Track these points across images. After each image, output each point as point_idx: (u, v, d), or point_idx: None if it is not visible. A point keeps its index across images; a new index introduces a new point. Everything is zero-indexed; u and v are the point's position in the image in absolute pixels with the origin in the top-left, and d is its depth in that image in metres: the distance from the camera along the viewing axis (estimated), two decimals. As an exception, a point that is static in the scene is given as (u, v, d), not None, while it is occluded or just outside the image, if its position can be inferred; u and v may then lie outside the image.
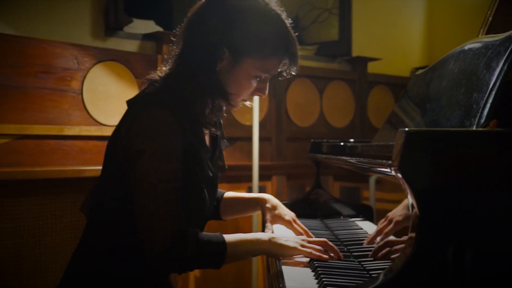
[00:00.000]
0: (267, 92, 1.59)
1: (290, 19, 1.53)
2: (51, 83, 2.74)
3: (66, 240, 2.69)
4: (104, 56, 2.92)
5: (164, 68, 1.56)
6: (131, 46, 3.10)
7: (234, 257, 1.40)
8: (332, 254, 1.43)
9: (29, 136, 2.66)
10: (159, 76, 1.52)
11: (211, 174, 1.52)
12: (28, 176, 2.57)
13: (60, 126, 2.76)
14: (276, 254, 1.43)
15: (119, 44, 3.06)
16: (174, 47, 1.56)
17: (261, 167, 3.15)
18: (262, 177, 3.28)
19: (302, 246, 1.42)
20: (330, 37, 4.28)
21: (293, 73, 1.57)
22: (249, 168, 3.10)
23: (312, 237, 1.71)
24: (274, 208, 1.77)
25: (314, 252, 1.40)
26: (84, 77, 2.84)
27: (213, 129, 1.58)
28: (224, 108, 1.60)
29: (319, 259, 1.39)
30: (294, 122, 3.79)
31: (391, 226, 1.53)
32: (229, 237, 1.39)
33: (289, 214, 1.76)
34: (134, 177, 1.37)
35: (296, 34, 1.54)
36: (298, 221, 1.75)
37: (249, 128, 3.17)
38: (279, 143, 3.69)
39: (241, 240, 1.42)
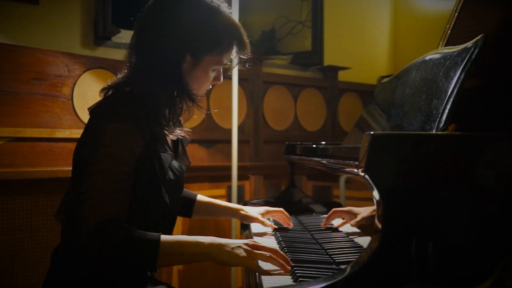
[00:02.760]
0: (222, 78, 1.56)
1: (227, 5, 1.49)
2: (44, 89, 2.70)
3: (57, 236, 2.65)
4: (93, 64, 2.89)
5: (119, 76, 1.48)
6: (118, 54, 3.07)
7: (170, 258, 1.24)
8: (282, 262, 1.26)
9: (22, 139, 2.63)
10: (116, 83, 1.45)
11: (172, 177, 1.43)
12: (21, 176, 2.54)
13: (52, 129, 2.72)
14: (221, 261, 1.25)
15: (107, 53, 3.03)
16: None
17: (239, 168, 3.14)
18: (240, 177, 3.27)
19: (252, 255, 1.25)
20: (304, 47, 4.29)
21: (244, 57, 1.53)
22: (229, 168, 3.09)
23: (289, 224, 1.82)
24: (250, 211, 1.88)
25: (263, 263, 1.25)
26: (75, 84, 2.81)
27: (177, 130, 1.51)
28: (185, 107, 1.49)
29: (293, 252, 1.39)
30: (271, 126, 3.79)
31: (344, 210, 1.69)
32: (166, 237, 1.23)
33: (262, 209, 1.89)
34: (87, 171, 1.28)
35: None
36: (270, 208, 1.89)
37: (229, 132, 3.16)
38: (257, 145, 3.68)
39: (179, 241, 1.25)
